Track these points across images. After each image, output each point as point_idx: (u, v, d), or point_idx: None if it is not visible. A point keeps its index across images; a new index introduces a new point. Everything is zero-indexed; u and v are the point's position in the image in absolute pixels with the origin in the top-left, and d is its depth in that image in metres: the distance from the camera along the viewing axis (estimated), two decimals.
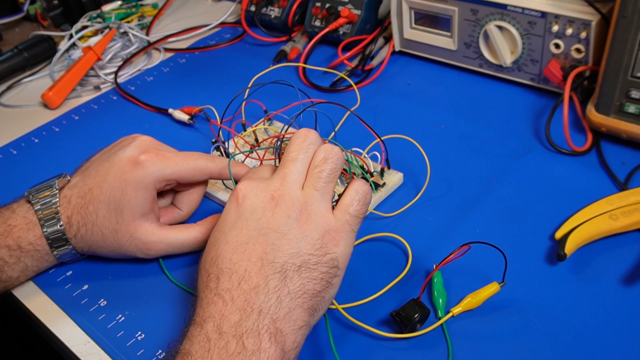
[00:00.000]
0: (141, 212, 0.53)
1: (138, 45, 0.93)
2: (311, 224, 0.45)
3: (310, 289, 0.43)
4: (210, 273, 0.44)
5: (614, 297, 0.49)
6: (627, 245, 0.53)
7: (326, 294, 0.45)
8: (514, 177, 0.62)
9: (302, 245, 0.44)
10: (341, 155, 0.48)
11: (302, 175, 0.47)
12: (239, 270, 0.43)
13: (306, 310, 0.43)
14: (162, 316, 0.52)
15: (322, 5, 0.86)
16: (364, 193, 0.48)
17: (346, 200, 0.47)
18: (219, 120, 0.70)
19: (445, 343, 0.47)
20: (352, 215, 0.47)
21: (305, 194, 0.46)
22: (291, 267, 0.43)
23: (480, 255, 0.51)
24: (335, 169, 0.47)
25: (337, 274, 0.45)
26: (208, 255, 0.46)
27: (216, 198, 0.63)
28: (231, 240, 0.45)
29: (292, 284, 0.43)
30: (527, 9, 0.68)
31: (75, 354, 0.51)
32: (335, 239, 0.45)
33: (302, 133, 0.49)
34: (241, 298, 0.42)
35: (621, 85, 0.61)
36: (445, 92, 0.76)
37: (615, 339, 0.46)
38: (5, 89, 0.90)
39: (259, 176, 0.49)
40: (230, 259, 0.44)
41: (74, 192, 0.54)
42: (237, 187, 0.47)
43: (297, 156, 0.48)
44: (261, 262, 0.43)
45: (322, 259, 0.44)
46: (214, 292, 0.43)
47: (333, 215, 0.46)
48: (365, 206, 0.48)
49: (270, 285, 0.42)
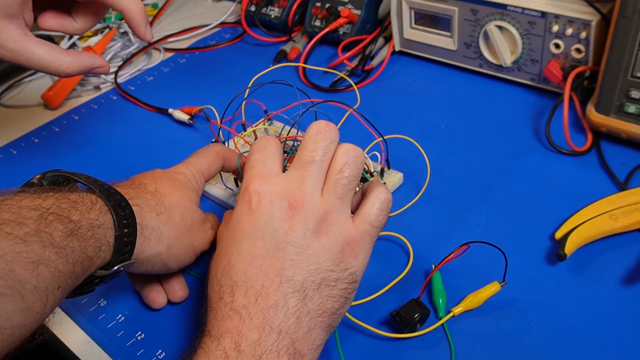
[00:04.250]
0: (9, 11, 0.47)
1: (138, 45, 0.93)
2: (332, 235, 0.42)
3: (329, 308, 0.42)
4: (222, 284, 0.42)
5: (614, 297, 0.49)
6: (627, 245, 0.53)
7: (343, 310, 0.43)
8: (514, 177, 0.62)
9: (321, 261, 0.41)
10: (362, 157, 0.44)
11: (322, 179, 0.43)
12: (256, 286, 0.41)
13: (324, 329, 0.42)
14: (162, 316, 0.52)
15: (322, 5, 0.86)
16: (387, 201, 0.45)
17: (367, 208, 0.44)
18: (219, 120, 0.70)
19: (446, 343, 0.47)
20: (373, 225, 0.44)
21: (324, 202, 0.43)
22: (311, 285, 0.41)
23: (481, 255, 0.51)
24: (357, 175, 0.44)
25: (355, 288, 0.43)
26: (220, 263, 0.43)
27: (214, 197, 0.63)
28: (245, 252, 0.42)
29: (311, 304, 0.41)
30: (527, 9, 0.68)
31: (75, 354, 0.51)
32: (355, 251, 0.43)
33: (322, 128, 0.44)
34: (259, 316, 0.40)
35: (621, 85, 0.61)
36: (445, 92, 0.76)
37: (615, 339, 0.46)
38: (5, 89, 0.90)
39: (270, 170, 0.44)
40: (245, 271, 0.41)
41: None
42: (249, 188, 0.43)
43: (315, 156, 0.43)
44: (279, 279, 0.41)
45: (342, 275, 0.42)
46: (229, 307, 0.40)
47: (354, 225, 0.43)
48: (387, 215, 0.45)
49: (289, 305, 0.40)
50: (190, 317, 0.52)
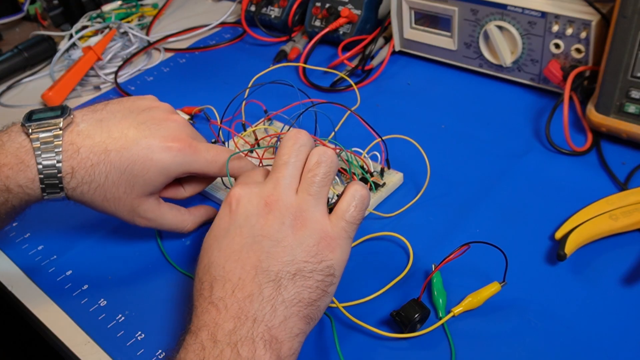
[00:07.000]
0: (151, 191, 0.52)
1: (138, 45, 0.93)
2: (306, 230, 0.44)
3: (305, 298, 0.43)
4: (203, 281, 0.44)
5: (614, 297, 0.49)
6: (627, 245, 0.53)
7: (321, 302, 0.44)
8: (514, 177, 0.62)
9: (297, 252, 0.43)
10: (335, 157, 0.47)
11: (296, 179, 0.46)
12: (233, 279, 0.42)
13: (302, 318, 0.43)
14: (162, 316, 0.52)
15: (322, 5, 0.86)
16: (361, 198, 0.46)
17: (342, 205, 0.46)
18: (219, 120, 0.70)
19: (446, 343, 0.47)
20: (348, 221, 0.46)
21: (299, 199, 0.45)
22: (285, 275, 0.42)
23: (481, 255, 0.51)
24: (329, 173, 0.46)
25: (333, 282, 0.44)
26: (201, 263, 0.45)
27: (215, 197, 0.63)
28: (224, 248, 0.44)
29: (286, 293, 0.42)
30: (527, 9, 0.68)
31: (75, 354, 0.51)
32: (330, 245, 0.44)
33: (292, 135, 0.47)
34: (235, 306, 0.41)
35: (621, 85, 0.61)
36: (445, 92, 0.76)
37: (615, 339, 0.46)
38: (5, 89, 0.90)
39: (253, 180, 0.48)
40: (224, 266, 0.43)
41: (85, 143, 0.49)
42: (230, 193, 0.47)
43: (288, 159, 0.46)
44: (255, 270, 0.42)
45: (318, 266, 0.43)
46: (207, 301, 0.42)
47: (329, 221, 0.45)
48: (362, 212, 0.46)
49: (264, 294, 0.42)
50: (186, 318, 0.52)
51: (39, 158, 0.48)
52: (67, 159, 0.49)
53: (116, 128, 0.51)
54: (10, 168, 0.48)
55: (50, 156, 0.48)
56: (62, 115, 0.50)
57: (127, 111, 0.53)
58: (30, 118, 0.50)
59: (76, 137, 0.50)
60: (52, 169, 0.48)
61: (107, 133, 0.50)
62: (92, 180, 0.50)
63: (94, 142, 0.50)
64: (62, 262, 0.59)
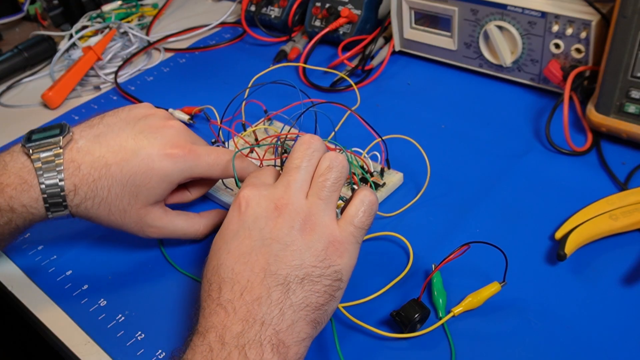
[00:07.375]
0: (156, 200, 0.53)
1: (138, 45, 0.93)
2: (315, 234, 0.44)
3: (313, 302, 0.43)
4: (212, 282, 0.44)
5: (614, 297, 0.49)
6: (627, 245, 0.53)
7: (329, 307, 0.44)
8: (514, 177, 0.62)
9: (305, 256, 0.43)
10: (346, 163, 0.47)
11: (306, 184, 0.46)
12: (241, 281, 0.42)
13: (309, 323, 0.43)
14: (163, 316, 0.52)
15: (322, 5, 0.86)
16: (370, 203, 0.46)
17: (351, 210, 0.46)
18: (219, 120, 0.70)
19: (446, 343, 0.47)
20: (357, 226, 0.46)
21: (309, 203, 0.45)
22: (294, 279, 0.42)
23: (481, 255, 0.51)
24: (340, 178, 0.47)
25: (340, 287, 0.44)
26: (210, 264, 0.45)
27: (217, 198, 0.63)
28: (233, 250, 0.44)
29: (294, 297, 0.42)
30: (527, 9, 0.68)
31: (75, 354, 0.51)
32: (339, 250, 0.44)
33: (306, 139, 0.48)
34: (243, 309, 0.41)
35: (621, 85, 0.61)
36: (445, 92, 0.76)
37: (615, 339, 0.46)
38: (5, 89, 0.90)
39: (262, 181, 0.48)
40: (233, 268, 0.43)
41: (85, 159, 0.50)
42: (240, 194, 0.46)
43: (300, 163, 0.47)
44: (264, 273, 0.42)
45: (326, 271, 0.43)
46: (216, 302, 0.42)
47: (338, 226, 0.45)
48: (371, 217, 0.47)
49: (272, 298, 0.42)
50: (191, 317, 0.52)
51: (41, 178, 0.49)
52: (69, 177, 0.49)
53: (114, 141, 0.51)
54: (14, 188, 0.49)
55: (52, 175, 0.49)
56: (61, 133, 0.51)
57: (124, 123, 0.53)
58: (30, 139, 0.51)
59: (76, 155, 0.50)
60: (55, 188, 0.49)
61: (105, 147, 0.51)
62: (96, 195, 0.50)
63: (94, 157, 0.50)
64: (62, 262, 0.59)
